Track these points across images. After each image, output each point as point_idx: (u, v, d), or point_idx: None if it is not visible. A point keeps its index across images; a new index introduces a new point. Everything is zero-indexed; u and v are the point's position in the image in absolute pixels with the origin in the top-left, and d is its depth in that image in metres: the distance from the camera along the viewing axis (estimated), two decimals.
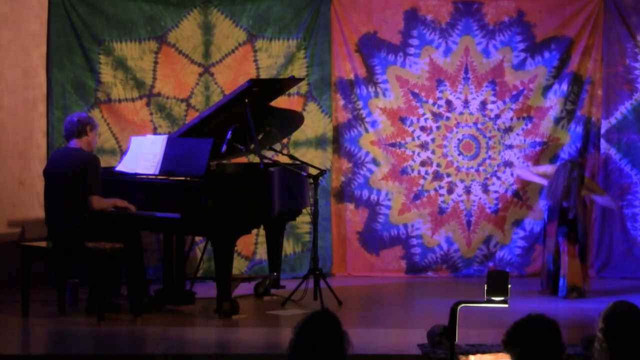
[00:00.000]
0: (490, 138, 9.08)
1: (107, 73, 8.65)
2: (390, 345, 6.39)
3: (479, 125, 9.08)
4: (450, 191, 9.10)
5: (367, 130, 9.04)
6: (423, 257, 9.09)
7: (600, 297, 7.84)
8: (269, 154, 7.93)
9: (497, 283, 4.25)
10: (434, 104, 9.05)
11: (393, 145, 9.07)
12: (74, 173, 6.99)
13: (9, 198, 8.33)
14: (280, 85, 8.05)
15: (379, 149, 9.05)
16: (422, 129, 9.07)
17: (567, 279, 7.98)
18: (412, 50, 9.01)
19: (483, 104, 9.06)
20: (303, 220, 8.60)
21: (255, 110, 7.30)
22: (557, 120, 9.02)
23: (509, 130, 9.06)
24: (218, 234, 7.03)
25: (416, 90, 9.03)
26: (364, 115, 9.03)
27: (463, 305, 4.24)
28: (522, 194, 9.07)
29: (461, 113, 9.08)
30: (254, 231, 8.40)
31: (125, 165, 7.48)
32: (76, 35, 8.56)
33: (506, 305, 4.25)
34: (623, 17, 8.95)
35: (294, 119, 7.95)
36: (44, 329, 6.93)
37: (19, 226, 8.32)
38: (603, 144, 8.99)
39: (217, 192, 6.98)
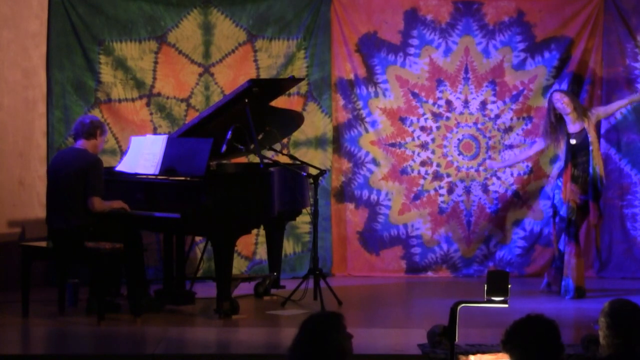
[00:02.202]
0: (490, 138, 9.08)
1: (107, 73, 8.65)
2: (390, 345, 6.40)
3: (479, 125, 9.08)
4: (450, 191, 9.10)
5: (367, 130, 9.04)
6: (423, 257, 9.09)
7: (600, 297, 7.83)
8: (269, 154, 7.92)
9: (497, 283, 4.25)
10: (434, 104, 9.05)
11: (393, 145, 9.07)
12: (77, 173, 7.00)
13: (9, 198, 8.33)
14: (280, 85, 8.06)
15: (379, 149, 9.05)
16: (422, 129, 9.07)
17: (575, 281, 7.96)
18: (412, 50, 9.01)
19: (483, 104, 9.06)
20: (303, 220, 8.60)
21: (255, 110, 7.30)
22: None
23: (509, 130, 9.06)
24: (218, 234, 7.02)
25: (416, 90, 9.03)
26: (364, 115, 9.03)
27: (463, 305, 4.24)
28: (522, 194, 9.07)
29: (461, 113, 9.08)
30: (254, 231, 8.40)
31: (125, 165, 7.48)
32: (76, 35, 8.56)
33: (506, 305, 4.25)
34: (623, 18, 8.95)
35: (294, 119, 7.94)
36: (44, 329, 6.92)
37: (19, 226, 8.32)
38: (603, 144, 8.98)
39: (217, 192, 6.98)
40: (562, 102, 8.04)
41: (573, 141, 8.06)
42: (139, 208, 7.18)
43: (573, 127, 8.08)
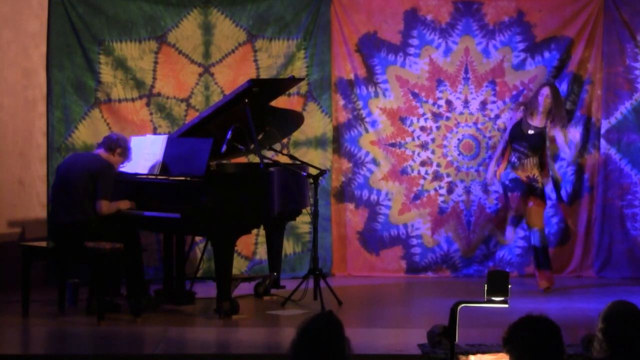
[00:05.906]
0: (490, 138, 9.08)
1: (107, 73, 8.65)
2: (390, 345, 6.40)
3: (479, 125, 9.08)
4: (450, 191, 9.10)
5: (367, 130, 9.04)
6: (423, 257, 9.09)
7: (600, 297, 7.83)
8: (269, 154, 7.93)
9: (497, 283, 4.25)
10: (434, 104, 9.05)
11: (393, 145, 9.07)
12: (86, 175, 7.02)
13: (9, 198, 8.34)
14: (280, 85, 8.06)
15: (379, 149, 9.05)
16: (422, 129, 9.07)
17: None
18: (412, 50, 9.01)
19: (483, 104, 9.07)
20: (303, 220, 8.60)
21: (255, 110, 7.30)
22: None
23: None
24: (218, 234, 7.03)
25: (416, 90, 9.03)
26: (364, 115, 9.03)
27: (463, 305, 4.24)
28: None
29: (461, 113, 9.08)
30: (254, 231, 8.40)
31: (126, 165, 7.47)
32: (76, 35, 8.56)
33: (506, 305, 4.25)
34: (623, 17, 8.95)
35: (294, 119, 7.95)
36: (44, 329, 6.93)
37: (19, 226, 8.32)
38: (603, 144, 8.99)
39: (217, 192, 6.98)
40: (546, 100, 8.30)
41: (531, 131, 8.30)
42: (139, 208, 7.19)
43: (534, 120, 8.34)
